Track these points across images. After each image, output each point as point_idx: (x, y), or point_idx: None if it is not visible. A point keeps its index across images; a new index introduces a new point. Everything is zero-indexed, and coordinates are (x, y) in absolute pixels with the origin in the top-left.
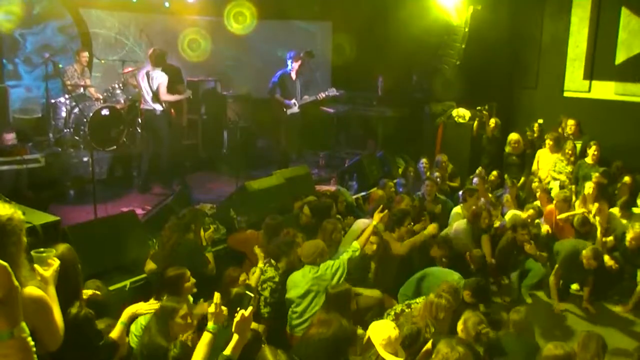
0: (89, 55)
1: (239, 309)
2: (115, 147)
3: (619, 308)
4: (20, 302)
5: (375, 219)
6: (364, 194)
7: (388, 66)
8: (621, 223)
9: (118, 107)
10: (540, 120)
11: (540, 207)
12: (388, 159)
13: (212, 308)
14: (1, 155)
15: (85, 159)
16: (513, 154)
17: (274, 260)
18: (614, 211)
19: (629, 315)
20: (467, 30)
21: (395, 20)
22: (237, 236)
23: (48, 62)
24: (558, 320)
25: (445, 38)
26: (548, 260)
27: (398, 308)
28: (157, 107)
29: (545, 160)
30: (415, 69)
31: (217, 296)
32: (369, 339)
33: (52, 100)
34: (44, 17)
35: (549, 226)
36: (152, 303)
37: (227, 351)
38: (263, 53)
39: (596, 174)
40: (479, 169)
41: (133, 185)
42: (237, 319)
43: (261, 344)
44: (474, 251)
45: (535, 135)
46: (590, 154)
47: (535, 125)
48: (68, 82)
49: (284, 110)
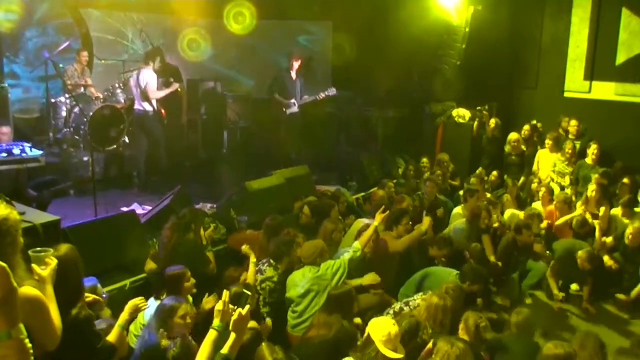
0: (88, 55)
1: (236, 307)
2: (115, 147)
3: (621, 295)
4: (18, 304)
5: (377, 219)
6: (364, 193)
7: (388, 66)
8: (622, 223)
9: (118, 107)
10: (534, 121)
11: (540, 214)
12: (388, 159)
13: (220, 305)
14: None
15: (85, 159)
16: (513, 153)
17: (273, 260)
18: (615, 211)
19: (629, 316)
20: (468, 30)
21: (395, 20)
22: (237, 236)
23: (48, 62)
24: (558, 320)
25: (446, 38)
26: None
27: (397, 306)
28: (147, 107)
29: (545, 160)
30: (416, 69)
31: (225, 294)
32: (368, 335)
33: (52, 100)
34: (44, 17)
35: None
36: (142, 299)
37: (225, 350)
38: (263, 53)
39: (596, 175)
40: (479, 170)
41: (133, 185)
42: (234, 318)
43: (260, 340)
44: (472, 245)
45: (524, 136)
46: (589, 154)
47: (527, 126)
48: (68, 82)
49: (284, 110)
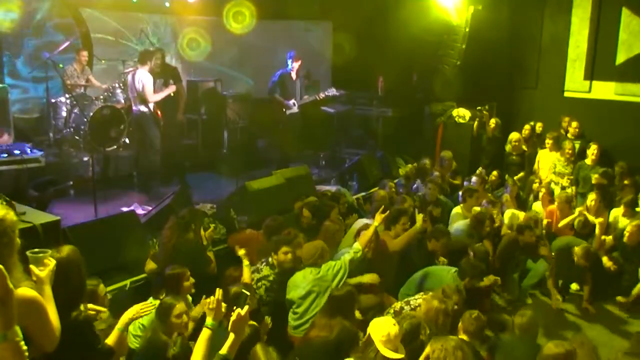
0: (88, 54)
1: (235, 307)
2: (115, 147)
3: (620, 298)
4: (15, 306)
5: (377, 219)
6: (364, 194)
7: (388, 66)
8: (622, 222)
9: (118, 107)
10: (535, 122)
11: (539, 216)
12: (388, 159)
13: (213, 304)
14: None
15: (85, 159)
16: (514, 153)
17: (271, 259)
18: (616, 211)
19: (629, 316)
20: (468, 30)
21: (395, 20)
22: (238, 236)
23: (48, 62)
24: (558, 320)
25: (445, 38)
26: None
27: (397, 305)
28: (143, 109)
29: (545, 160)
30: (416, 69)
31: (219, 292)
32: (369, 335)
33: (52, 100)
34: (44, 17)
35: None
36: (148, 304)
37: (224, 350)
38: (263, 53)
39: (596, 175)
40: (479, 169)
41: (133, 185)
42: (233, 318)
43: (258, 340)
44: (476, 246)
45: (525, 136)
46: (589, 154)
47: (527, 125)
48: (68, 82)
49: (284, 110)
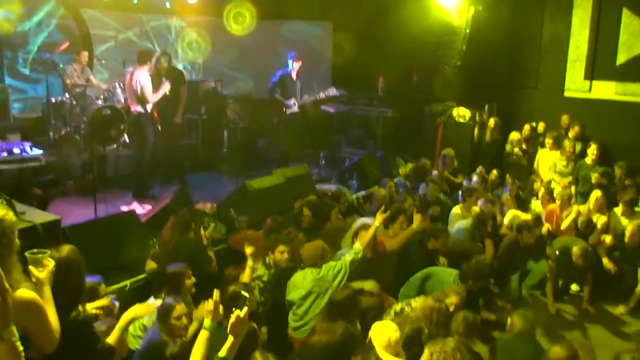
0: (89, 54)
1: (234, 309)
2: (115, 147)
3: (621, 308)
4: (11, 306)
5: (378, 219)
6: (364, 193)
7: (388, 66)
8: (622, 222)
9: (118, 107)
10: (533, 122)
11: (540, 214)
12: (388, 159)
13: (210, 305)
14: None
15: (85, 158)
16: (514, 153)
17: (268, 258)
18: (617, 211)
19: (629, 316)
20: (468, 30)
21: (395, 20)
22: (238, 236)
23: (48, 62)
24: (558, 320)
25: (446, 38)
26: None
27: (398, 307)
28: (139, 109)
29: (545, 160)
30: (416, 69)
31: (216, 293)
32: (370, 339)
33: (53, 100)
34: (44, 17)
35: (550, 225)
36: (148, 305)
37: (222, 352)
38: (263, 53)
39: (595, 175)
40: (479, 168)
41: (132, 185)
42: (232, 320)
43: (257, 341)
44: (481, 258)
45: (525, 136)
46: (589, 154)
47: (527, 126)
48: (68, 82)
49: (284, 110)
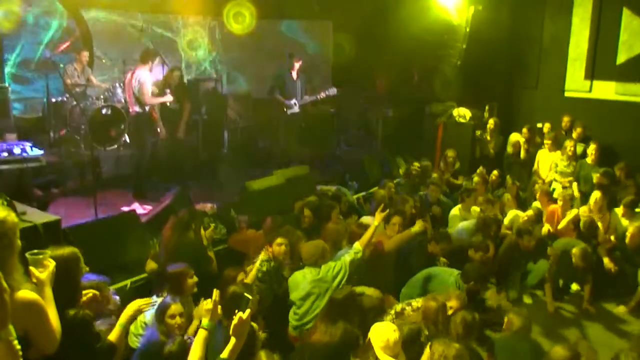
0: (89, 54)
1: (237, 311)
2: (115, 147)
3: (622, 308)
4: (9, 305)
5: (377, 219)
6: (364, 193)
7: (388, 66)
8: (623, 223)
9: (119, 106)
10: (540, 123)
11: (541, 209)
12: (388, 159)
13: (209, 305)
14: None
15: (86, 159)
16: (515, 153)
17: (265, 252)
18: (618, 211)
19: (629, 316)
20: (468, 30)
21: (395, 20)
22: (238, 236)
23: (48, 62)
24: (558, 320)
25: (446, 38)
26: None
27: (398, 307)
28: (137, 109)
29: (545, 160)
30: (416, 68)
31: (216, 293)
32: (369, 340)
33: (53, 100)
34: (44, 17)
35: (550, 226)
36: (148, 299)
37: (224, 354)
38: (263, 53)
39: (597, 175)
40: (480, 169)
41: (133, 185)
42: (235, 322)
43: (256, 340)
44: (474, 239)
45: (524, 138)
46: (589, 153)
47: (525, 129)
48: (68, 81)
49: (285, 110)
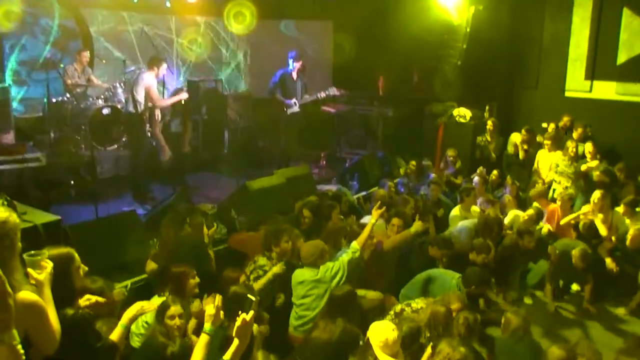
0: (89, 54)
1: (240, 312)
2: (115, 146)
3: (622, 310)
4: (13, 309)
5: (374, 216)
6: (364, 193)
7: (389, 66)
8: (623, 222)
9: (119, 107)
10: (544, 123)
11: (541, 209)
12: (389, 159)
13: (211, 309)
14: (1, 155)
15: (86, 158)
16: (515, 154)
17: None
18: (618, 210)
19: (629, 316)
20: (468, 30)
21: (395, 20)
22: (238, 236)
23: (49, 61)
24: (559, 320)
25: (446, 38)
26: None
27: (398, 307)
28: (131, 109)
29: (545, 160)
30: (416, 68)
31: (219, 298)
32: (368, 339)
33: (53, 100)
34: (45, 17)
35: (550, 226)
36: (151, 302)
37: (227, 356)
38: (263, 53)
39: (597, 173)
40: (480, 169)
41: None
42: (238, 324)
43: (253, 341)
44: (476, 241)
45: (522, 139)
46: (586, 152)
47: (523, 130)
48: (69, 81)
49: (285, 110)
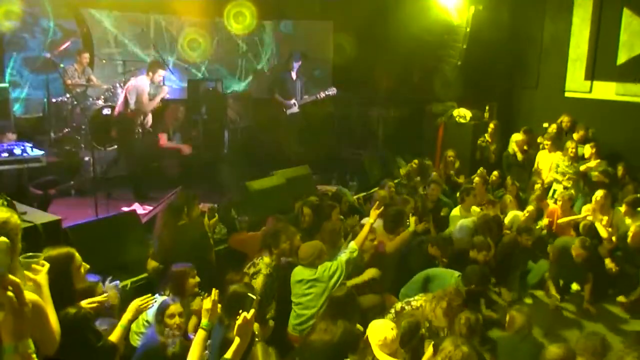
0: (89, 55)
1: (241, 311)
2: (116, 147)
3: (621, 297)
4: (29, 320)
5: (372, 216)
6: (364, 194)
7: (389, 66)
8: (624, 222)
9: None
10: (546, 124)
11: (541, 208)
12: (389, 159)
13: (208, 304)
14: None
15: (86, 158)
16: (515, 154)
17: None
18: (619, 209)
19: (629, 316)
20: (468, 30)
21: (395, 20)
22: (238, 236)
23: (49, 62)
24: (558, 320)
25: (446, 38)
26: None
27: (398, 306)
28: (121, 109)
29: (545, 161)
30: (416, 68)
31: (215, 293)
32: (367, 338)
33: (53, 100)
34: (44, 17)
35: (550, 225)
36: (148, 297)
37: (229, 354)
38: (264, 53)
39: (595, 173)
40: (480, 169)
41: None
42: (239, 322)
43: (253, 338)
44: (476, 238)
45: (521, 139)
46: (586, 153)
47: (522, 131)
48: (69, 82)
49: (284, 110)
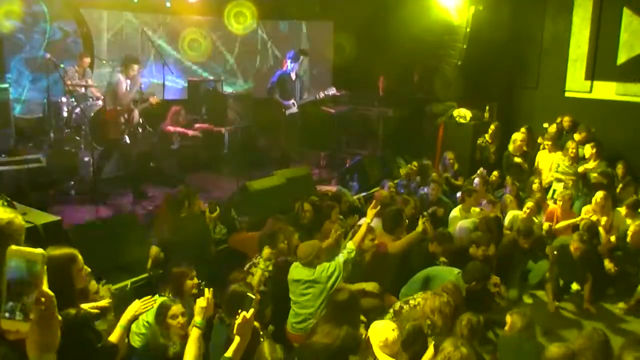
0: (90, 56)
1: (240, 310)
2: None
3: (621, 304)
4: (59, 335)
5: (369, 215)
6: (364, 194)
7: (389, 66)
8: (624, 223)
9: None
10: (546, 124)
11: (539, 205)
12: (389, 159)
13: (203, 302)
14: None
15: (86, 159)
16: (515, 154)
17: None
18: (620, 211)
19: (629, 316)
20: (468, 30)
21: (396, 20)
22: (238, 236)
23: (49, 63)
24: (558, 320)
25: (446, 38)
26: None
27: (397, 305)
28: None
29: (545, 161)
30: (416, 68)
31: (209, 291)
32: (368, 339)
33: (53, 100)
34: (45, 18)
35: (549, 223)
36: (148, 299)
37: (229, 353)
38: (263, 53)
39: (594, 174)
40: (480, 170)
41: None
42: (239, 321)
43: (259, 339)
44: (475, 234)
45: (520, 139)
46: (587, 154)
47: (522, 131)
48: (69, 82)
49: (283, 110)
